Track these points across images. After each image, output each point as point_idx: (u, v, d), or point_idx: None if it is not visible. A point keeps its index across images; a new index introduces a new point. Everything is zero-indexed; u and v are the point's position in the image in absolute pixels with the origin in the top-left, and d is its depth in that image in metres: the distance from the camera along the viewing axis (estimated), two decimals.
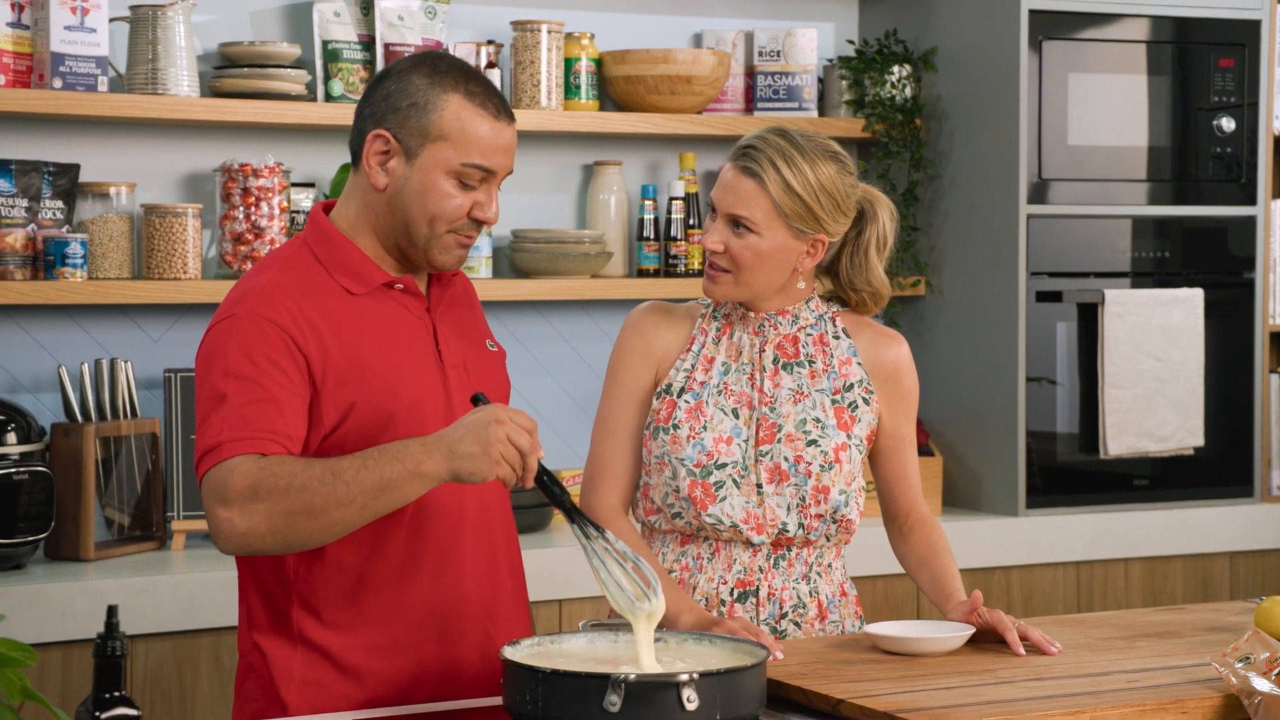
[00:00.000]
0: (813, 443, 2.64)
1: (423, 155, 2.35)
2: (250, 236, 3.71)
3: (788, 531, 2.63)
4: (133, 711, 1.75)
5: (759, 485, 2.63)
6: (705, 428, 2.64)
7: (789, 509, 2.63)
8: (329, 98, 3.84)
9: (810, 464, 2.63)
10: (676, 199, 4.16)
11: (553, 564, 3.65)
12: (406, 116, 2.35)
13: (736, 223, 2.61)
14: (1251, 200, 4.32)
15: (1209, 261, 4.31)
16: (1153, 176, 4.25)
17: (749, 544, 2.64)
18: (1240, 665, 2.24)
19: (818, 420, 2.65)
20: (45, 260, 3.56)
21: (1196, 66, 4.26)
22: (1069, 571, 4.16)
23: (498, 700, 2.34)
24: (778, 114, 4.23)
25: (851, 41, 4.40)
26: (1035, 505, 4.15)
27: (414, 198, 2.36)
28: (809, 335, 2.70)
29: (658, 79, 4.06)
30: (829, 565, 2.70)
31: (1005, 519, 4.11)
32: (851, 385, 2.69)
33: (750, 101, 4.27)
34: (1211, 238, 4.31)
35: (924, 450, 4.16)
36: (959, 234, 4.25)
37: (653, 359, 2.70)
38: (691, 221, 4.17)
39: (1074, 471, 4.21)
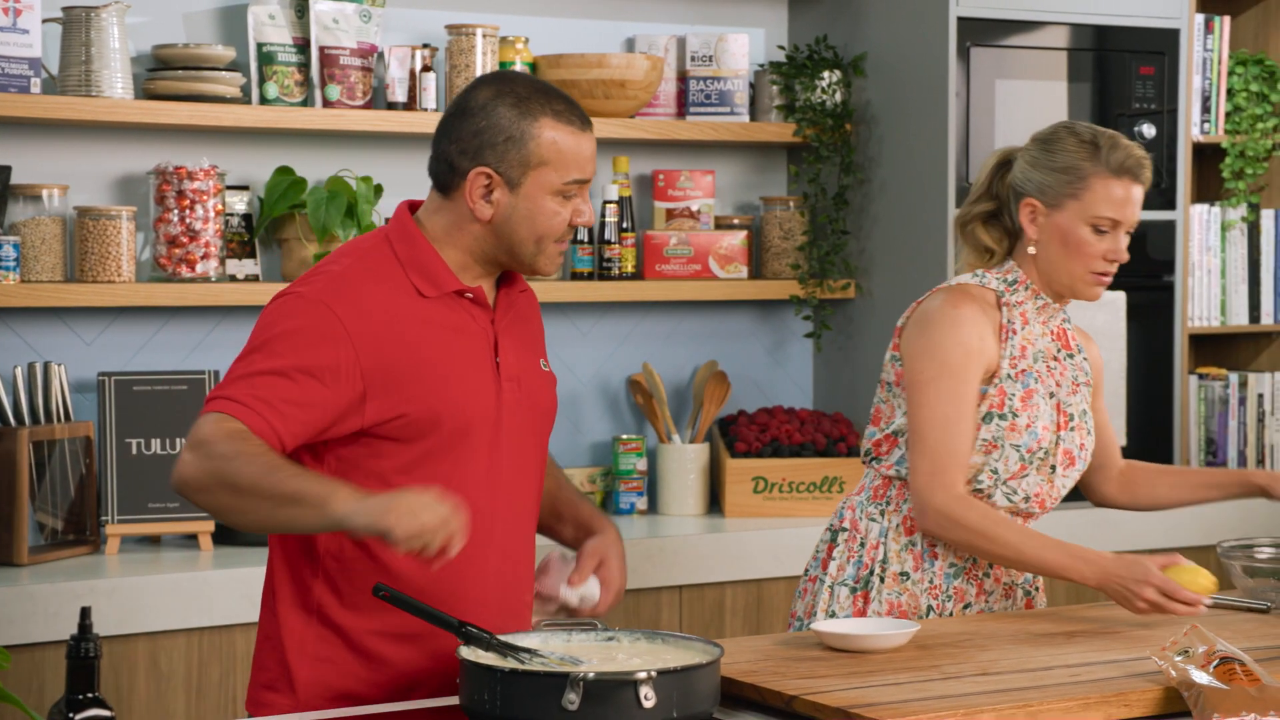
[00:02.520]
0: (1089, 432, 2.91)
1: (526, 183, 2.42)
2: (185, 239, 3.70)
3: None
4: (106, 713, 1.75)
5: (1053, 468, 2.86)
6: (1037, 416, 2.83)
7: (1064, 490, 2.89)
8: (264, 100, 3.84)
9: (1088, 450, 2.90)
10: (610, 202, 4.19)
11: None
12: (505, 151, 2.40)
13: (1130, 228, 2.86)
14: (1171, 205, 4.41)
15: (1130, 265, 4.34)
16: None
17: (1021, 514, 2.86)
18: (1179, 658, 2.30)
19: (1086, 411, 2.92)
20: None
21: (1118, 74, 4.35)
22: None
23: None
24: (710, 118, 4.27)
25: (782, 47, 4.45)
26: None
27: (523, 222, 2.43)
28: (1069, 328, 2.96)
29: (592, 83, 4.08)
30: None
31: None
32: (1090, 378, 2.96)
33: (682, 106, 4.31)
34: (1132, 242, 4.36)
35: (854, 450, 4.22)
36: (888, 237, 4.31)
37: (987, 358, 2.83)
38: (625, 225, 4.20)
39: None
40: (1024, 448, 2.82)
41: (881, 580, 2.85)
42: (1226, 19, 4.56)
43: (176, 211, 3.70)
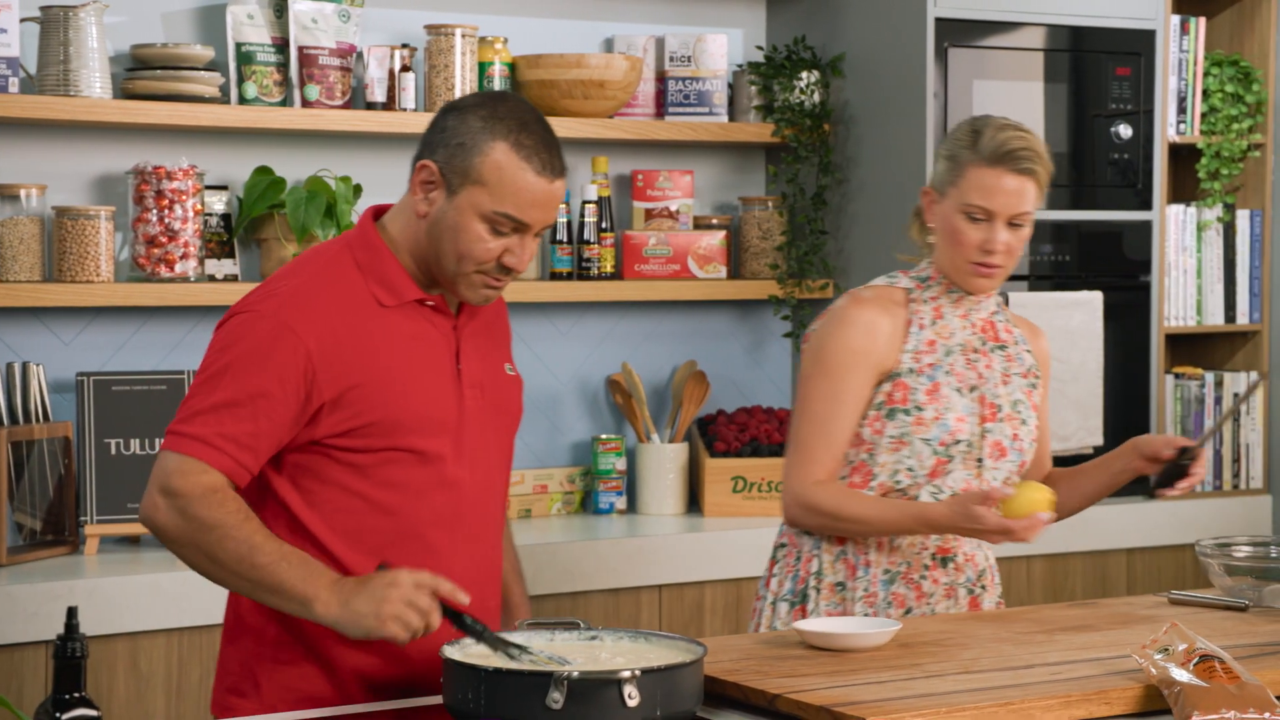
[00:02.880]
0: (1024, 423, 2.87)
1: (460, 195, 2.39)
2: (164, 239, 3.69)
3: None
4: (93, 712, 1.75)
5: (980, 460, 2.83)
6: (947, 408, 2.81)
7: (998, 483, 2.83)
8: (242, 100, 3.83)
9: (1022, 441, 2.86)
10: (589, 202, 4.19)
11: None
12: (454, 154, 2.39)
13: (1015, 219, 2.79)
14: (1147, 205, 4.43)
15: (1106, 265, 4.41)
16: (1052, 182, 4.32)
17: None
18: (1159, 656, 2.31)
19: (1021, 401, 2.88)
20: None
21: (1094, 75, 4.37)
22: None
23: (394, 705, 2.40)
24: (688, 119, 4.27)
25: (761, 47, 4.46)
26: None
27: (447, 233, 2.40)
28: (999, 321, 2.92)
29: (571, 83, 4.09)
30: None
31: None
32: (1029, 369, 2.92)
33: (661, 106, 4.31)
34: (1108, 242, 4.41)
35: None
36: (866, 238, 4.32)
37: (876, 356, 2.82)
38: (604, 225, 4.21)
39: None
40: (935, 440, 2.80)
41: (818, 592, 2.84)
42: (1202, 20, 4.58)
43: (155, 211, 3.69)
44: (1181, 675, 2.26)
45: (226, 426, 2.33)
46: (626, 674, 2.13)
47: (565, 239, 4.18)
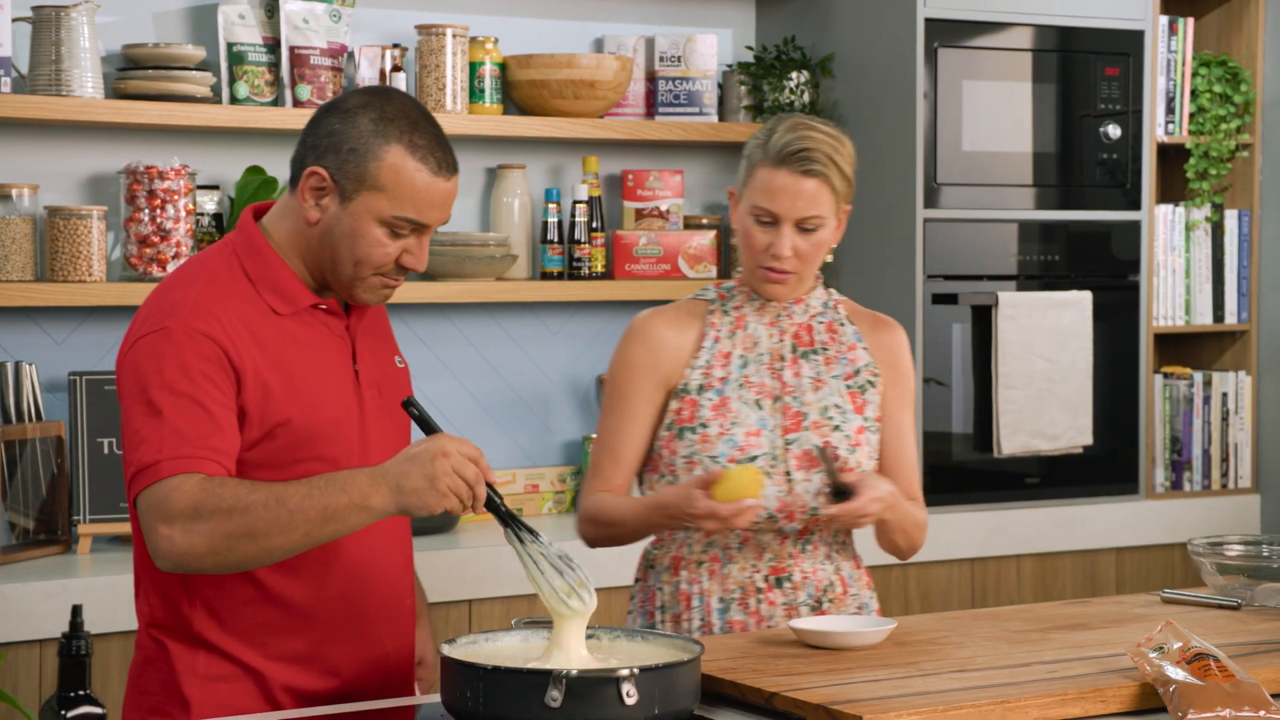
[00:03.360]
0: (836, 429, 2.71)
1: (356, 201, 2.34)
2: (156, 239, 3.69)
3: (818, 515, 2.69)
4: (98, 710, 1.76)
5: (788, 473, 2.69)
6: (734, 423, 2.69)
7: (817, 494, 2.68)
8: (234, 100, 3.83)
9: (837, 448, 2.70)
10: (580, 202, 4.20)
11: (461, 565, 3.67)
12: (346, 160, 2.33)
13: (803, 222, 2.65)
14: (1136, 205, 4.44)
15: (1094, 265, 4.43)
16: (1041, 182, 4.36)
17: (779, 532, 2.71)
18: (1155, 655, 2.32)
19: (837, 406, 2.73)
20: None
21: (1083, 75, 4.38)
22: (963, 568, 4.26)
23: (404, 701, 2.40)
24: (678, 118, 4.28)
25: (750, 48, 4.47)
26: (931, 504, 4.17)
27: (343, 239, 2.35)
28: (820, 323, 2.77)
29: (561, 83, 4.09)
30: (843, 543, 2.80)
31: None
32: (859, 370, 2.76)
33: (651, 106, 4.32)
34: (1097, 242, 4.43)
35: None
36: (856, 237, 4.32)
37: (661, 372, 2.72)
38: (594, 225, 4.21)
39: (968, 470, 4.31)
40: (723, 457, 2.67)
41: (664, 625, 2.75)
42: (1190, 21, 4.60)
43: (147, 211, 3.69)
44: (1177, 673, 2.27)
45: (183, 433, 2.25)
46: (625, 672, 2.14)
47: (556, 239, 4.18)
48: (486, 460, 2.28)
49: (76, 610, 1.77)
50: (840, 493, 2.63)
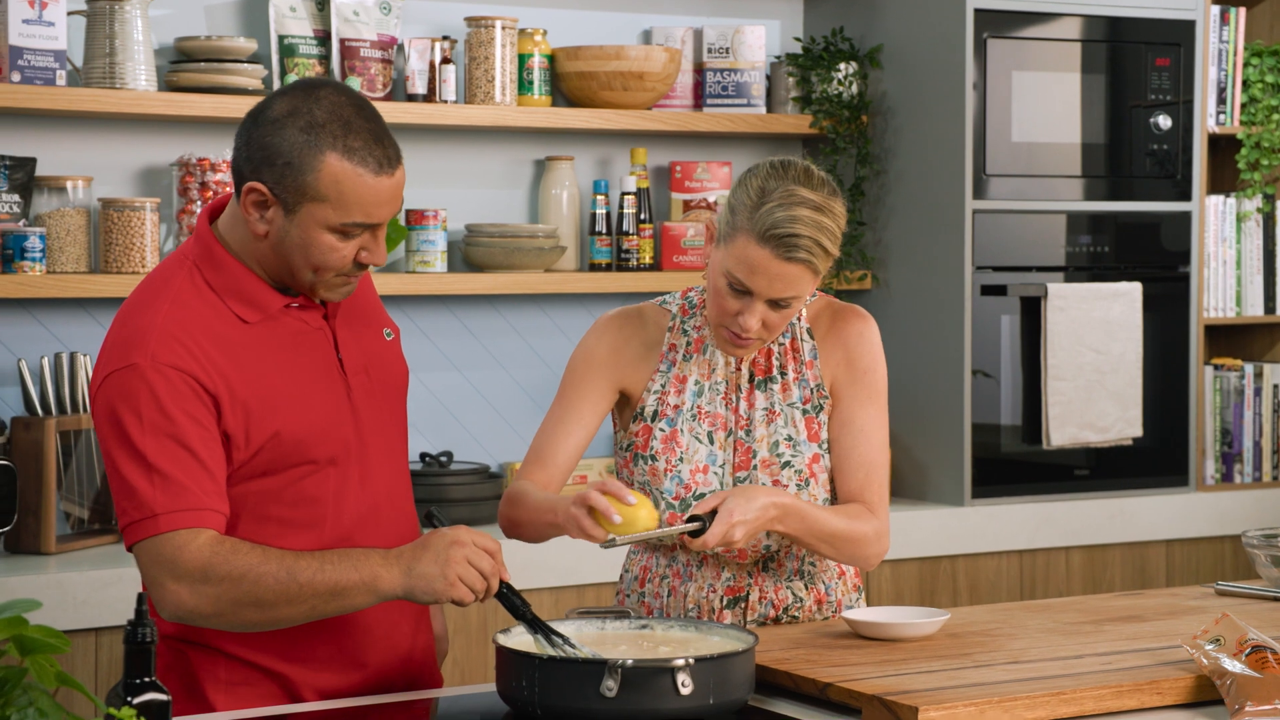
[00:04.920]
0: (786, 464, 2.58)
1: (301, 213, 2.26)
2: None
3: (770, 549, 2.62)
4: (163, 696, 1.77)
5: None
6: (681, 459, 2.59)
7: (769, 532, 2.56)
8: None
9: (786, 486, 2.57)
10: (628, 194, 4.20)
11: (510, 554, 3.68)
12: (283, 174, 2.25)
13: (778, 300, 2.49)
14: (1186, 196, 4.42)
15: (1144, 256, 4.41)
16: (1091, 172, 4.34)
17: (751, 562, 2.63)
18: (1211, 647, 2.32)
19: (789, 439, 2.59)
20: (3, 254, 3.54)
21: (1134, 65, 4.36)
22: (1012, 560, 4.25)
23: (433, 693, 2.41)
24: (726, 110, 4.28)
25: (799, 39, 4.46)
26: (980, 495, 4.23)
27: (296, 249, 2.28)
28: (780, 345, 2.63)
29: (610, 75, 4.10)
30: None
31: (951, 509, 4.19)
32: (814, 388, 2.62)
33: (699, 98, 4.32)
34: (1146, 233, 4.41)
35: None
36: (905, 229, 4.32)
37: (618, 373, 2.62)
38: (643, 216, 4.22)
39: (1017, 462, 4.30)
40: (669, 494, 2.57)
41: None
42: (1242, 10, 4.57)
43: (199, 203, 3.71)
44: (1234, 666, 2.26)
45: (177, 482, 2.22)
46: (680, 662, 2.14)
47: (604, 230, 4.19)
48: (503, 556, 2.27)
49: (141, 598, 1.79)
50: (695, 525, 2.43)
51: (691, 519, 2.44)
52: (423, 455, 4.01)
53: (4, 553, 3.50)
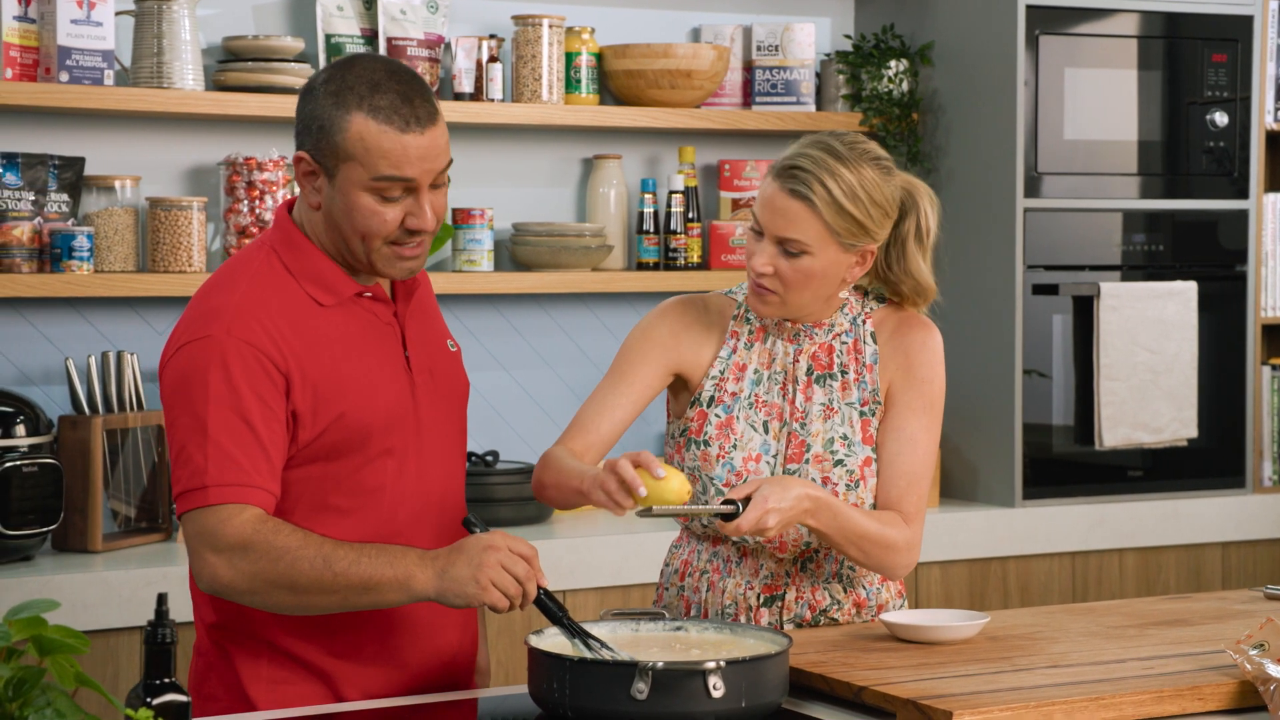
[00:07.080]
0: (839, 463, 2.56)
1: (339, 175, 2.32)
2: (255, 230, 3.73)
3: (811, 546, 2.60)
4: (182, 698, 1.77)
5: None
6: (735, 446, 2.57)
7: (805, 532, 2.55)
8: None
9: (836, 485, 2.55)
10: (676, 193, 4.18)
11: (555, 556, 3.68)
12: (319, 140, 2.32)
13: (785, 243, 2.49)
14: (1243, 194, 4.36)
15: (1200, 255, 4.35)
16: (1146, 170, 4.29)
17: (754, 553, 2.62)
18: (1255, 652, 2.28)
19: (844, 437, 2.58)
20: (52, 253, 3.57)
21: (1190, 61, 4.30)
22: (1064, 562, 4.21)
23: (473, 694, 2.40)
24: (775, 108, 4.25)
25: (848, 36, 4.43)
26: (1031, 496, 4.19)
27: (342, 216, 2.33)
28: (843, 344, 2.61)
29: (658, 73, 4.08)
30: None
31: (1002, 510, 4.15)
32: (871, 392, 2.61)
33: (748, 96, 4.30)
34: (1202, 231, 4.35)
35: None
36: (956, 227, 4.28)
37: (673, 355, 2.61)
38: (691, 215, 4.20)
39: (1069, 463, 4.25)
40: (719, 480, 2.56)
41: None
42: None
43: (246, 202, 3.73)
44: (1278, 671, 2.22)
45: (231, 457, 2.25)
46: (711, 665, 2.13)
47: (652, 229, 4.17)
48: (540, 561, 2.26)
49: (161, 599, 1.79)
50: (729, 508, 2.41)
51: (727, 502, 2.43)
52: (469, 454, 4.01)
53: (51, 551, 3.52)
